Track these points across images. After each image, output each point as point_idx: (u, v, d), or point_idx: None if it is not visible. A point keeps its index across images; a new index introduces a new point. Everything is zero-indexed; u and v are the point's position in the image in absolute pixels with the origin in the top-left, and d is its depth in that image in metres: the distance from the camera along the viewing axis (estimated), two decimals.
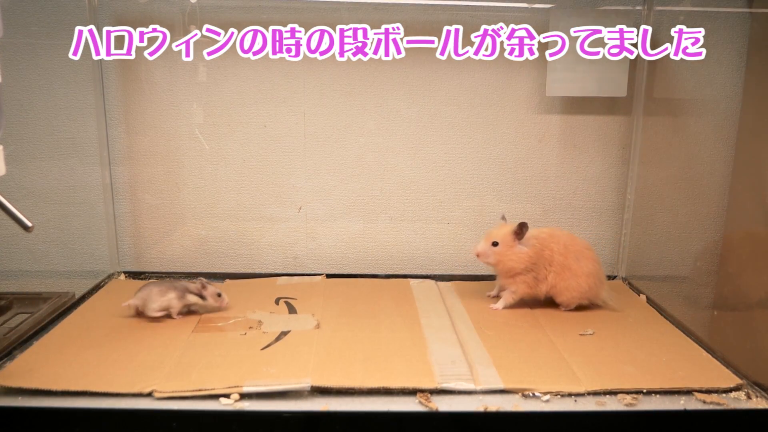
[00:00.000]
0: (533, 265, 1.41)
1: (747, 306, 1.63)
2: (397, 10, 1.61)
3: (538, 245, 1.41)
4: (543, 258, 1.42)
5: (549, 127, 1.71)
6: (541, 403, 1.05)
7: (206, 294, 1.38)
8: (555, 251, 1.42)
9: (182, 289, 1.36)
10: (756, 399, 1.07)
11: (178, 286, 1.37)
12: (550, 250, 1.42)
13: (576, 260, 1.42)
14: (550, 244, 1.42)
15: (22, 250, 1.71)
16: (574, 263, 1.41)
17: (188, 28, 1.57)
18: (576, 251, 1.43)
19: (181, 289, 1.36)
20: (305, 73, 1.65)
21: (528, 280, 1.42)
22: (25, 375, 1.09)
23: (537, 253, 1.41)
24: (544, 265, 1.42)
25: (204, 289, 1.38)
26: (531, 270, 1.42)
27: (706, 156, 1.73)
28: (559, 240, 1.43)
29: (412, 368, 1.14)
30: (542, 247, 1.42)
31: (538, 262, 1.41)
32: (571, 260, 1.41)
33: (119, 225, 1.71)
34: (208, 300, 1.38)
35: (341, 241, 1.76)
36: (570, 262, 1.41)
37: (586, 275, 1.42)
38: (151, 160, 1.68)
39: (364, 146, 1.70)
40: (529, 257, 1.40)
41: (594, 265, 1.43)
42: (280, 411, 1.02)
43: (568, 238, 1.44)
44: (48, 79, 1.61)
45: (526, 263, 1.40)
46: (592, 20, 1.54)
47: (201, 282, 1.39)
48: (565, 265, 1.41)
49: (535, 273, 1.42)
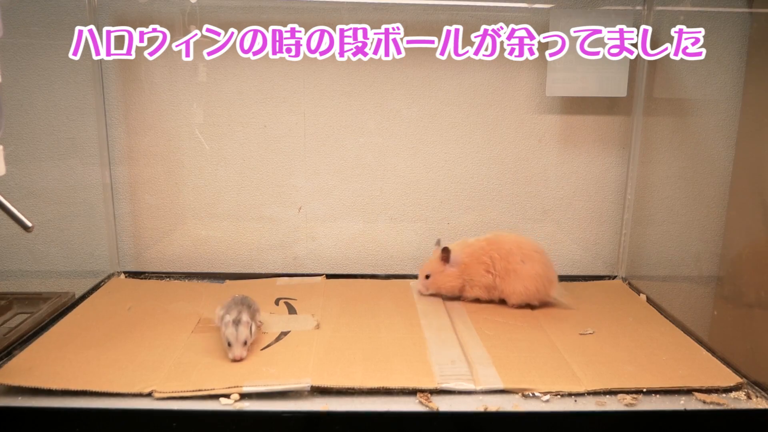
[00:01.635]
0: (470, 279, 1.47)
1: (747, 306, 1.63)
2: (397, 10, 1.61)
3: (468, 259, 1.46)
4: (480, 267, 1.46)
5: (549, 127, 1.71)
6: (541, 403, 1.05)
7: (223, 332, 1.19)
8: (495, 258, 1.45)
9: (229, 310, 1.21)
10: (756, 399, 1.07)
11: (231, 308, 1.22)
12: (489, 257, 1.46)
13: (521, 263, 1.44)
14: (489, 251, 1.46)
15: (22, 250, 1.71)
16: (520, 266, 1.44)
17: (188, 28, 1.57)
18: (522, 254, 1.45)
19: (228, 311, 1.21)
20: (305, 73, 1.65)
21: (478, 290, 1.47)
22: (24, 373, 1.09)
23: (468, 266, 1.46)
24: (483, 273, 1.46)
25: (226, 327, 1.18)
26: (471, 280, 1.47)
27: (706, 156, 1.73)
28: (501, 246, 1.46)
29: (412, 368, 1.14)
30: (475, 259, 1.46)
31: (473, 274, 1.46)
32: (515, 264, 1.44)
33: (119, 225, 1.71)
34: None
35: (341, 241, 1.76)
36: (515, 266, 1.44)
37: (533, 277, 1.43)
38: (151, 160, 1.68)
39: (364, 146, 1.70)
40: (460, 274, 1.47)
41: (541, 266, 1.45)
42: (280, 411, 1.02)
43: (513, 243, 1.47)
44: (48, 79, 1.61)
45: (459, 280, 1.47)
46: (592, 20, 1.54)
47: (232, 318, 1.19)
48: (509, 269, 1.44)
49: (478, 282, 1.47)
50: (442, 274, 1.49)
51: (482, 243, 1.49)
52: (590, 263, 1.79)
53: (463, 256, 1.47)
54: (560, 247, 1.78)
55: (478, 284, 1.47)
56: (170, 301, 1.48)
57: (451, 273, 1.48)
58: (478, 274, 1.46)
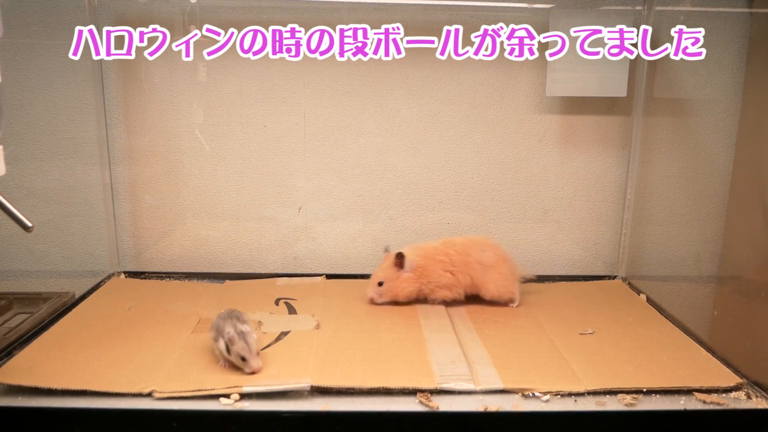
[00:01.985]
0: (428, 281, 1.44)
1: (747, 306, 1.63)
2: (397, 10, 1.61)
3: (424, 261, 1.44)
4: (437, 267, 1.44)
5: (549, 127, 1.71)
6: (541, 403, 1.05)
7: (232, 349, 1.12)
8: (452, 254, 1.45)
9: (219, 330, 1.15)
10: (756, 399, 1.07)
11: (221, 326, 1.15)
12: (445, 255, 1.45)
13: (482, 252, 1.46)
14: (444, 250, 1.46)
15: (22, 250, 1.71)
16: (483, 256, 1.45)
17: (188, 28, 1.57)
18: (479, 246, 1.47)
19: (218, 331, 1.15)
20: (305, 73, 1.65)
21: (440, 291, 1.45)
22: (24, 372, 1.09)
23: (425, 268, 1.44)
24: (442, 273, 1.44)
25: (232, 343, 1.11)
26: (430, 283, 1.45)
27: (706, 156, 1.73)
28: (455, 243, 1.47)
29: (412, 368, 1.14)
30: (431, 260, 1.44)
31: (431, 275, 1.44)
32: (477, 255, 1.45)
33: (119, 225, 1.71)
34: (231, 356, 1.13)
35: (341, 241, 1.76)
36: (477, 257, 1.45)
37: (501, 262, 1.46)
38: (151, 160, 1.68)
39: (364, 146, 1.70)
40: (417, 278, 1.44)
41: (502, 252, 1.48)
42: (280, 411, 1.02)
43: (465, 240, 1.49)
44: (48, 79, 1.61)
45: (415, 285, 1.44)
46: (592, 20, 1.54)
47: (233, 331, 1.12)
48: (470, 262, 1.45)
49: (438, 282, 1.44)
50: (397, 280, 1.44)
51: (435, 244, 1.48)
52: (590, 263, 1.79)
53: (418, 259, 1.45)
54: (560, 247, 1.78)
55: (438, 285, 1.45)
56: (170, 301, 1.48)
57: (407, 278, 1.44)
58: (436, 275, 1.44)
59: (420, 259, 1.45)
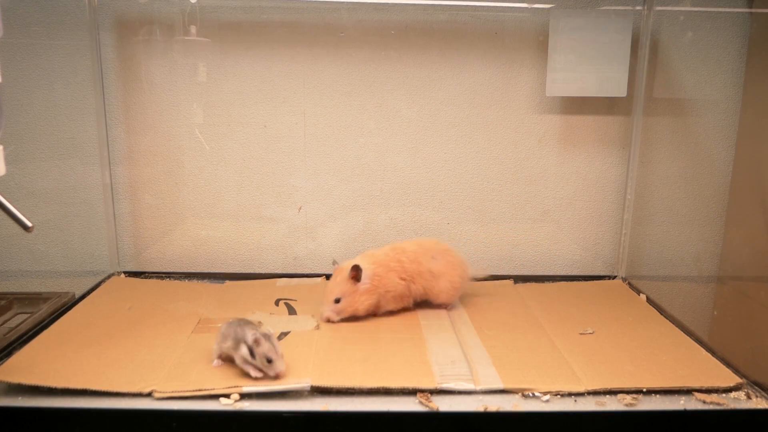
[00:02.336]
0: (385, 291, 1.38)
1: (747, 306, 1.63)
2: (397, 10, 1.61)
3: (380, 270, 1.37)
4: (393, 275, 1.38)
5: (549, 127, 1.71)
6: (541, 403, 1.05)
7: (257, 351, 1.09)
8: (404, 261, 1.40)
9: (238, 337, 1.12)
10: (756, 399, 1.07)
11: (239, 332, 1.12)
12: (397, 262, 1.39)
13: (434, 259, 1.42)
14: (395, 257, 1.40)
15: (22, 250, 1.71)
16: (434, 263, 1.42)
17: (188, 28, 1.57)
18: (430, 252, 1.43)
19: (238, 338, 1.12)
20: (305, 73, 1.65)
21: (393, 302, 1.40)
22: (24, 371, 1.09)
23: (382, 277, 1.37)
24: (398, 281, 1.38)
25: (258, 344, 1.09)
26: (387, 292, 1.38)
27: (706, 156, 1.73)
28: (406, 249, 1.42)
29: (412, 368, 1.14)
30: (386, 268, 1.38)
31: (388, 285, 1.37)
32: (428, 263, 1.41)
33: (119, 225, 1.71)
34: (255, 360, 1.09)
35: (341, 241, 1.76)
36: (429, 265, 1.41)
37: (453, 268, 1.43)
38: (151, 160, 1.68)
39: (364, 146, 1.70)
40: (375, 289, 1.36)
41: (452, 256, 1.45)
42: (280, 411, 1.01)
43: (415, 245, 1.44)
44: (48, 79, 1.61)
45: (375, 296, 1.37)
46: (592, 20, 1.54)
47: (259, 333, 1.10)
48: (422, 270, 1.40)
49: (394, 291, 1.38)
50: (356, 294, 1.35)
51: (386, 250, 1.43)
52: (590, 263, 1.79)
53: (374, 268, 1.37)
54: (560, 247, 1.78)
55: (393, 294, 1.38)
56: (170, 301, 1.48)
57: (366, 290, 1.36)
58: (392, 284, 1.38)
59: (376, 268, 1.37)
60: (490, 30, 1.63)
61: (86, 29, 1.57)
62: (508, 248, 1.78)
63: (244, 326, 1.12)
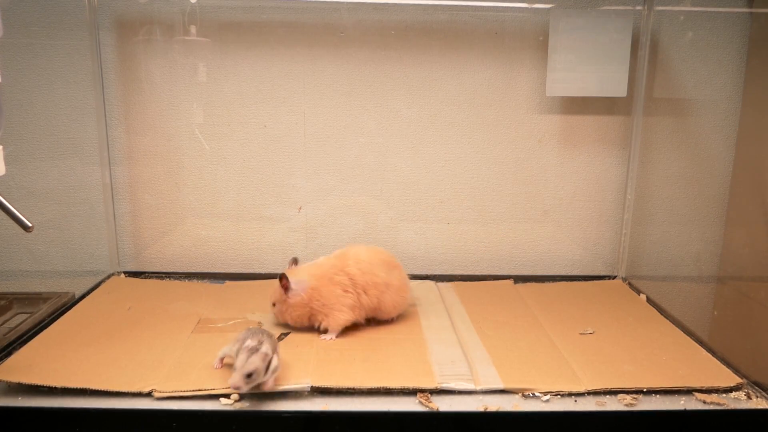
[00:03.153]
0: (322, 305, 1.28)
1: (747, 306, 1.63)
2: (397, 10, 1.61)
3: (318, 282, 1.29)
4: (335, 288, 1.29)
5: (549, 127, 1.71)
6: (541, 403, 1.05)
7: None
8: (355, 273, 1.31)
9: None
10: (756, 399, 1.07)
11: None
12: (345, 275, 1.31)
13: (389, 272, 1.35)
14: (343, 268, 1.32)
15: (22, 250, 1.71)
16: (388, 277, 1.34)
17: (188, 28, 1.57)
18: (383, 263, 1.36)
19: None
20: (305, 73, 1.65)
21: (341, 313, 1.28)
22: (24, 370, 1.09)
23: (318, 290, 1.29)
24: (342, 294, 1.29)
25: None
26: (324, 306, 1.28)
27: (706, 156, 1.73)
28: (359, 259, 1.34)
29: (412, 368, 1.14)
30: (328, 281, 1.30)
31: (327, 297, 1.28)
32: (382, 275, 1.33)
33: (119, 225, 1.71)
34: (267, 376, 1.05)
35: (341, 241, 1.76)
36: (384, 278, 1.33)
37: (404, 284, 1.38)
38: (151, 160, 1.68)
39: (364, 146, 1.70)
40: (308, 302, 1.28)
41: (401, 271, 1.40)
42: (280, 411, 1.02)
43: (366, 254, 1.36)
44: (48, 79, 1.61)
45: (305, 309, 1.29)
46: (592, 20, 1.54)
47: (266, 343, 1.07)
48: (377, 283, 1.32)
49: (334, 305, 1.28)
50: (285, 303, 1.30)
51: (333, 261, 1.34)
52: (590, 263, 1.79)
53: (312, 279, 1.30)
54: (560, 247, 1.78)
55: (335, 307, 1.28)
56: (170, 301, 1.48)
57: (296, 302, 1.29)
58: (333, 296, 1.28)
59: (314, 280, 1.30)
60: (490, 30, 1.63)
61: (86, 29, 1.57)
62: (508, 248, 1.78)
63: (254, 335, 1.08)
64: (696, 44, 1.65)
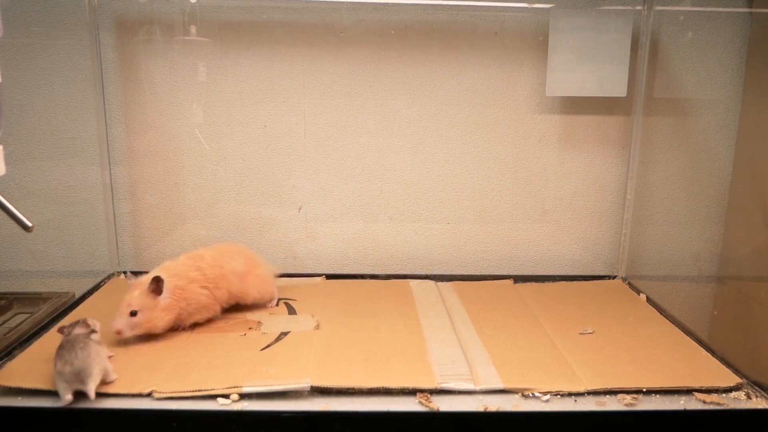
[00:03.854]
0: (187, 304, 1.29)
1: (747, 306, 1.63)
2: (397, 10, 1.61)
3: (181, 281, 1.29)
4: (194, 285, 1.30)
5: (549, 127, 1.71)
6: (541, 403, 1.05)
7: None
8: (204, 267, 1.33)
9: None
10: (756, 399, 1.07)
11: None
12: (197, 270, 1.32)
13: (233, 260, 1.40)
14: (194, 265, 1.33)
15: (22, 250, 1.71)
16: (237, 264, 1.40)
17: (188, 28, 1.57)
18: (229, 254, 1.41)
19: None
20: (305, 73, 1.65)
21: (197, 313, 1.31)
22: (24, 375, 1.09)
23: (184, 288, 1.28)
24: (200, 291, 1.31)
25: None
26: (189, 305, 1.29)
27: (706, 156, 1.73)
28: (204, 255, 1.36)
29: (412, 368, 1.14)
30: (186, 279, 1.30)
31: (191, 296, 1.29)
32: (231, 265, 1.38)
33: (119, 225, 1.71)
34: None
35: (341, 241, 1.76)
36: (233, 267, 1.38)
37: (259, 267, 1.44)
38: (151, 160, 1.68)
39: (364, 146, 1.70)
40: (177, 303, 1.27)
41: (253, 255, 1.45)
42: (280, 411, 1.02)
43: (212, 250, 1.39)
44: (48, 79, 1.61)
45: (176, 311, 1.27)
46: (592, 20, 1.54)
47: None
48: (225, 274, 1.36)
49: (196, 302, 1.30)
50: (155, 309, 1.24)
51: (183, 260, 1.34)
52: (590, 263, 1.79)
53: (175, 281, 1.28)
54: (560, 247, 1.78)
55: (196, 305, 1.30)
56: None
57: (167, 305, 1.25)
58: (195, 294, 1.30)
59: (177, 281, 1.28)
60: (490, 30, 1.63)
61: (86, 29, 1.57)
62: (508, 248, 1.78)
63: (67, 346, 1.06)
64: (696, 44, 1.65)
